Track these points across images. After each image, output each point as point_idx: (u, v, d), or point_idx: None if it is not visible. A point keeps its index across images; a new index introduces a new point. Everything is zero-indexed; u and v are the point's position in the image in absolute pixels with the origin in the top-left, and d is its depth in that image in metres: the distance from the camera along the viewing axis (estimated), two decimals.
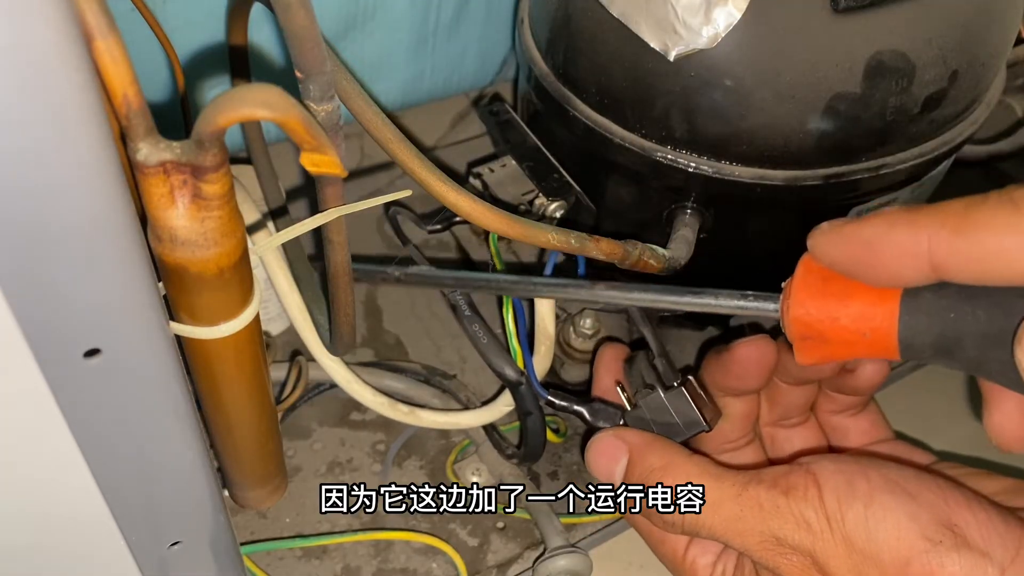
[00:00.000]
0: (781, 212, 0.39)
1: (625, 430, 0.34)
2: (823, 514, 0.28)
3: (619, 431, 0.34)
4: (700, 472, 0.31)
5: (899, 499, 0.27)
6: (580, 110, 0.40)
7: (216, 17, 0.44)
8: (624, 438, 0.34)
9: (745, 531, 0.29)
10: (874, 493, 0.28)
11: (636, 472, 0.33)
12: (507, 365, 0.36)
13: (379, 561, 0.39)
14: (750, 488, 0.30)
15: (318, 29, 0.22)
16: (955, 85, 0.37)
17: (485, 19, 0.54)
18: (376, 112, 0.29)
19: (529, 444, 0.38)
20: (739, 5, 0.34)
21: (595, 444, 0.34)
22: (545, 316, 0.38)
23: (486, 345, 0.37)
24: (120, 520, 0.26)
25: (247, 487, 0.34)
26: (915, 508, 0.27)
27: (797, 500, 0.29)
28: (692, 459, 0.32)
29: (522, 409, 0.37)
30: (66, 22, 0.16)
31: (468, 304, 0.38)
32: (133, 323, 0.21)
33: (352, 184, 0.52)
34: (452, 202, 0.30)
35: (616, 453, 0.33)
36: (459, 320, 0.38)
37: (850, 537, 0.27)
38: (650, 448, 0.33)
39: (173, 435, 0.25)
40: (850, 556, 0.27)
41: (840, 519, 0.28)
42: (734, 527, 0.30)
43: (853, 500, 0.28)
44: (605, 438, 0.34)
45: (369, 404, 0.40)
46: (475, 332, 0.37)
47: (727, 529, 0.30)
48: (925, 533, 0.26)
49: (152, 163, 0.20)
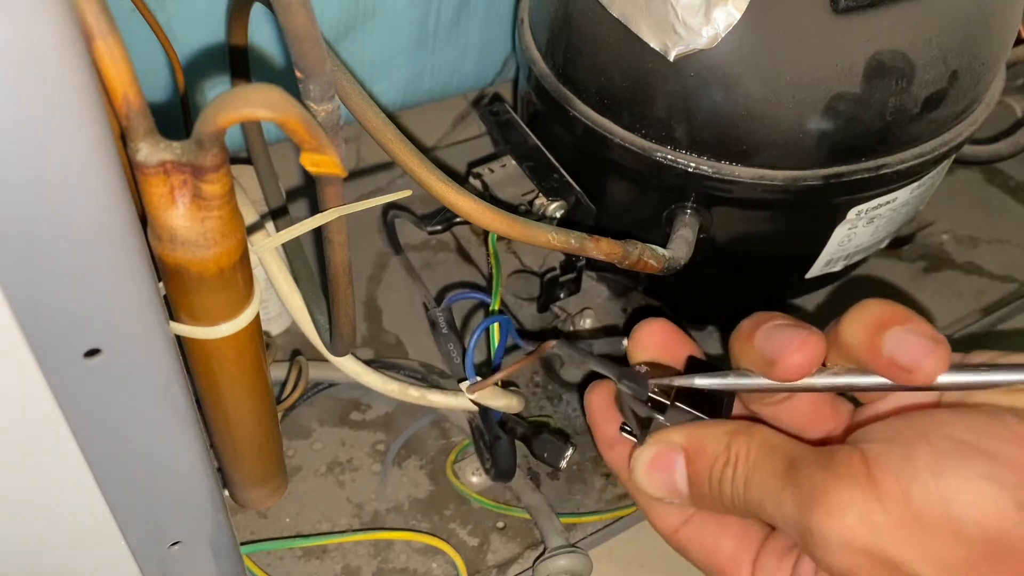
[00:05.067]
0: (781, 212, 0.39)
1: (664, 432, 0.29)
2: (874, 497, 0.23)
3: (658, 436, 0.29)
4: (760, 444, 0.26)
5: (975, 462, 0.22)
6: (580, 110, 0.40)
7: (216, 17, 0.44)
8: (669, 440, 0.28)
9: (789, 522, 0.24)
10: (942, 461, 0.22)
11: (699, 470, 0.27)
12: None
13: (379, 561, 0.39)
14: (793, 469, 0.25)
15: (318, 29, 0.22)
16: (955, 85, 0.37)
17: (485, 19, 0.54)
18: (376, 112, 0.29)
19: (500, 466, 0.39)
20: (739, 5, 0.34)
21: (641, 461, 0.29)
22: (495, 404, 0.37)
23: (457, 367, 0.37)
24: (120, 520, 0.26)
25: (247, 487, 0.34)
26: (998, 470, 0.22)
27: (841, 483, 0.23)
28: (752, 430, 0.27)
29: (491, 434, 0.38)
30: (66, 22, 0.16)
31: (447, 322, 0.38)
32: (133, 323, 0.21)
33: (352, 184, 0.52)
34: (452, 202, 0.30)
35: (669, 461, 0.28)
36: (435, 337, 0.38)
37: (920, 517, 0.22)
38: (703, 436, 0.28)
39: (173, 435, 0.25)
40: (923, 541, 0.22)
41: (902, 499, 0.22)
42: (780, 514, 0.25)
43: (916, 474, 0.22)
44: (648, 450, 0.29)
45: (381, 390, 0.39)
46: (449, 352, 0.37)
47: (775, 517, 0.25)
48: (1016, 498, 0.21)
49: (152, 163, 0.20)
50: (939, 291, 0.52)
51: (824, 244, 0.41)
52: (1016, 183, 0.58)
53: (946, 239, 0.55)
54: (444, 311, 0.38)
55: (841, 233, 0.41)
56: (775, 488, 0.25)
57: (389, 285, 0.50)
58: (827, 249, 0.42)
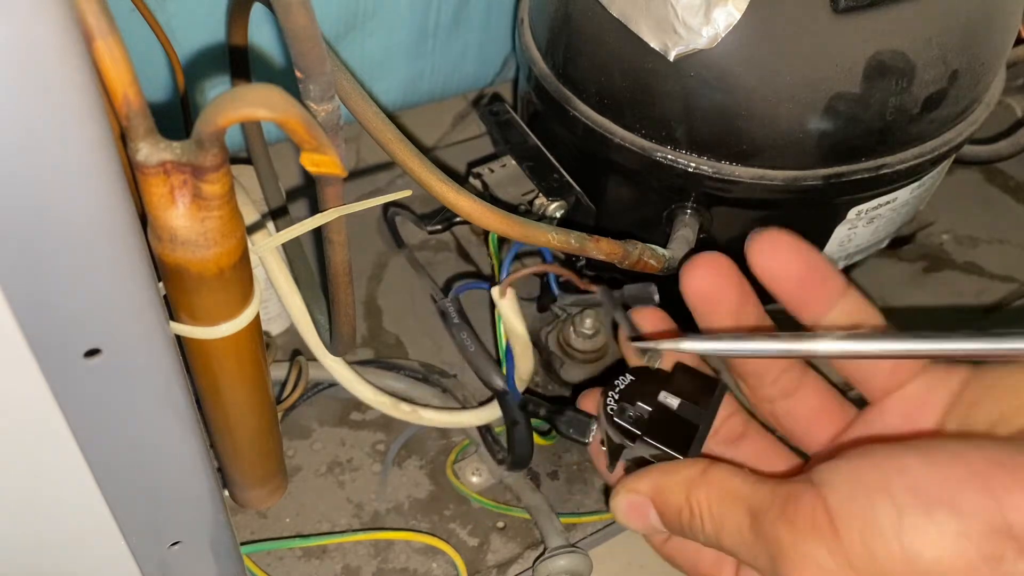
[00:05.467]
0: (781, 212, 0.39)
1: (631, 480, 0.30)
2: (839, 552, 0.23)
3: (626, 483, 0.30)
4: (720, 497, 0.27)
5: (938, 515, 0.22)
6: (580, 110, 0.40)
7: (216, 17, 0.44)
8: (636, 489, 0.30)
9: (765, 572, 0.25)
10: (905, 519, 0.22)
11: (668, 519, 0.29)
12: (494, 374, 0.36)
13: (379, 561, 0.39)
14: (757, 523, 0.25)
15: (318, 29, 0.22)
16: (955, 85, 0.37)
17: (485, 19, 0.54)
18: (376, 112, 0.29)
19: (516, 452, 0.38)
20: (739, 5, 0.34)
21: (617, 509, 0.30)
22: (510, 317, 0.36)
23: (473, 353, 0.37)
24: (120, 520, 0.26)
25: (247, 487, 0.34)
26: (961, 522, 0.22)
27: (808, 539, 0.23)
28: (709, 479, 0.27)
29: (509, 418, 0.38)
30: (66, 22, 0.16)
31: (457, 311, 0.38)
32: (133, 323, 0.21)
33: (352, 184, 0.52)
34: (452, 202, 0.30)
35: (641, 508, 0.29)
36: (447, 327, 0.38)
37: (887, 574, 0.22)
38: (664, 487, 0.29)
39: (173, 435, 0.25)
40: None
41: (867, 557, 0.22)
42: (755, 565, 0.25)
43: (880, 532, 0.22)
44: (621, 499, 0.30)
45: (372, 403, 0.40)
46: (463, 340, 0.37)
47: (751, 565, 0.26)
48: (982, 550, 0.21)
49: (152, 163, 0.20)
50: (939, 291, 0.52)
51: (824, 244, 0.41)
52: (1016, 183, 0.58)
53: (946, 239, 0.55)
54: (453, 301, 0.38)
55: (841, 233, 0.41)
56: (744, 544, 0.25)
57: (389, 285, 0.50)
58: (827, 249, 0.42)
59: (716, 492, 0.27)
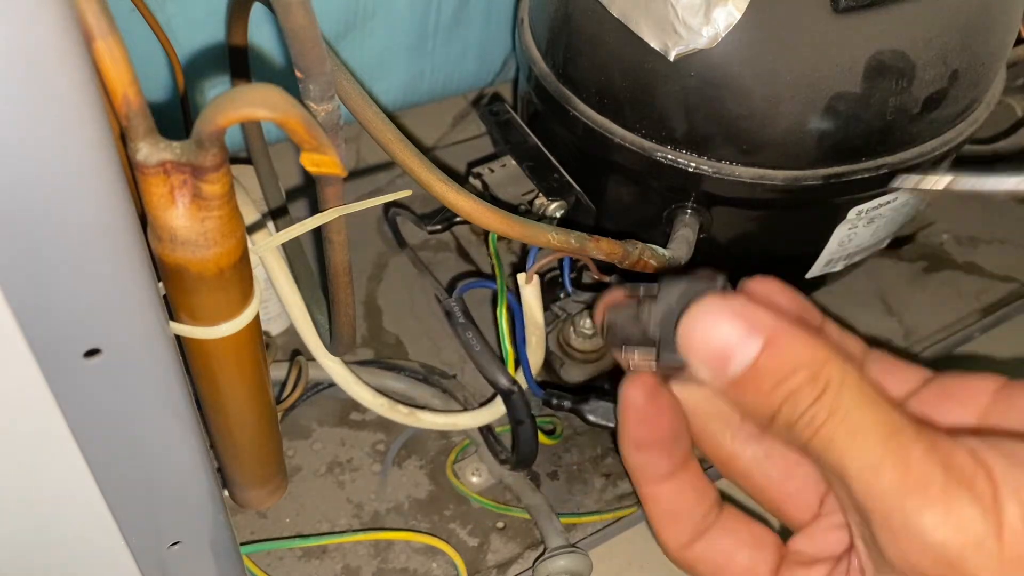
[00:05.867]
0: (781, 212, 0.39)
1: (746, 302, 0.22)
2: (994, 523, 0.20)
3: (737, 301, 0.22)
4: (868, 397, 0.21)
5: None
6: (580, 110, 0.40)
7: (216, 17, 0.44)
8: (753, 316, 0.21)
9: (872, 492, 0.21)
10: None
11: (774, 368, 0.21)
12: (500, 373, 0.36)
13: (379, 561, 0.39)
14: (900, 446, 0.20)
15: (318, 29, 0.22)
16: (955, 85, 0.37)
17: (485, 19, 0.54)
18: (376, 112, 0.29)
19: (521, 452, 0.38)
20: (739, 5, 0.34)
21: (704, 313, 0.22)
22: (533, 304, 0.36)
23: (479, 353, 0.37)
24: (120, 520, 0.26)
25: (247, 487, 0.34)
26: None
27: (963, 495, 0.20)
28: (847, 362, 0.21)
29: (514, 417, 0.37)
30: (66, 22, 0.16)
31: (462, 311, 0.38)
32: (133, 323, 0.21)
33: (352, 184, 0.52)
34: (452, 202, 0.30)
35: (747, 330, 0.21)
36: (452, 326, 0.38)
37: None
38: (788, 333, 0.21)
39: (173, 435, 0.25)
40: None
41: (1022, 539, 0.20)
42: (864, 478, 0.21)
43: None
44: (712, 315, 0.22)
45: (369, 405, 0.40)
46: (468, 339, 0.37)
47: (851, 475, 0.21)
48: None
49: (152, 163, 0.20)
50: (939, 291, 0.52)
51: (824, 244, 0.41)
52: None
53: (946, 239, 0.55)
54: (457, 300, 0.38)
55: (841, 233, 0.41)
56: (874, 455, 0.21)
57: (389, 285, 0.50)
58: (827, 249, 0.42)
59: (855, 381, 0.21)
